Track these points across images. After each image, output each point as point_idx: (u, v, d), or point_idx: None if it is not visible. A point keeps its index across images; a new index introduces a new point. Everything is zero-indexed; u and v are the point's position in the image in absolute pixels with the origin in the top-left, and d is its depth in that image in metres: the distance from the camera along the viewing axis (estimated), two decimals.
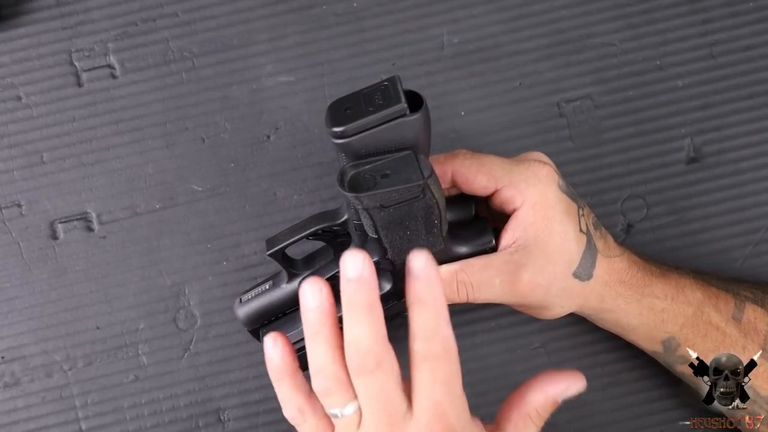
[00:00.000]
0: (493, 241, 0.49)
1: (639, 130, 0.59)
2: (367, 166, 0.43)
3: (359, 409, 0.42)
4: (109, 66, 0.59)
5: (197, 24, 0.59)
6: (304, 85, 0.59)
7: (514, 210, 0.48)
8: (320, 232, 0.51)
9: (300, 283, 0.50)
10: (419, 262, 0.39)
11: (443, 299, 0.39)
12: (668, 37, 0.60)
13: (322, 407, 0.43)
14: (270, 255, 0.51)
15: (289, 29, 0.59)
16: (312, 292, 0.40)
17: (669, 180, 0.59)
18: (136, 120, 0.59)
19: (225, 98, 0.59)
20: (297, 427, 0.44)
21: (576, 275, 0.49)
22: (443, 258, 0.49)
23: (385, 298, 0.49)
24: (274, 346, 0.42)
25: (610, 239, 0.51)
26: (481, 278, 0.48)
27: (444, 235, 0.47)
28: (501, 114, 0.59)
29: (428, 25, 0.60)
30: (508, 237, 0.48)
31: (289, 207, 0.59)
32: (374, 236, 0.46)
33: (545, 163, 0.49)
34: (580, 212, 0.49)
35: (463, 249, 0.49)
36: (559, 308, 0.50)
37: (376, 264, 0.46)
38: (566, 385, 0.43)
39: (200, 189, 0.59)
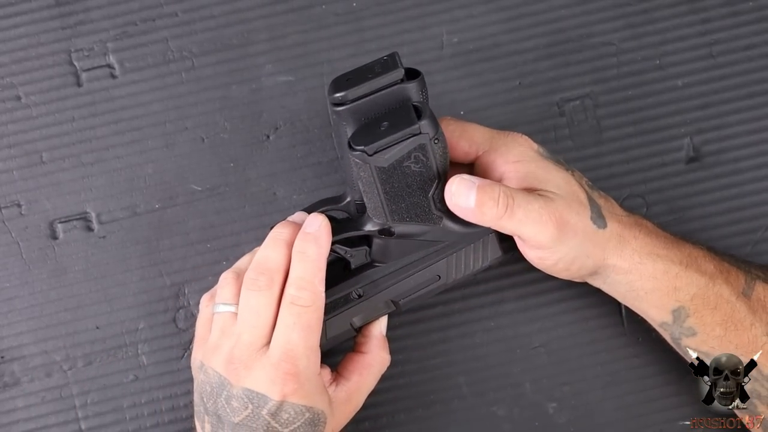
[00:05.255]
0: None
1: (638, 130, 0.59)
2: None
3: (234, 315, 0.48)
4: (109, 66, 0.59)
5: (197, 24, 0.59)
6: (303, 84, 0.59)
7: (501, 175, 0.50)
8: (324, 214, 0.51)
9: None
10: (316, 221, 0.48)
11: (324, 260, 0.47)
12: (668, 37, 0.60)
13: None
14: None
15: (289, 29, 0.59)
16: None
17: (668, 179, 0.59)
18: (135, 120, 0.59)
19: (224, 98, 0.59)
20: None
21: (592, 220, 0.49)
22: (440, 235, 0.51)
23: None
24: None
25: (613, 201, 0.52)
26: (522, 198, 0.47)
27: (439, 201, 0.48)
28: (500, 113, 0.59)
29: (427, 24, 0.60)
30: (516, 183, 0.49)
31: (289, 207, 0.59)
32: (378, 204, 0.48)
33: (524, 135, 0.51)
34: (570, 173, 0.51)
35: (457, 228, 0.50)
36: (585, 258, 0.50)
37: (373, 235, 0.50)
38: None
39: (200, 189, 0.59)
